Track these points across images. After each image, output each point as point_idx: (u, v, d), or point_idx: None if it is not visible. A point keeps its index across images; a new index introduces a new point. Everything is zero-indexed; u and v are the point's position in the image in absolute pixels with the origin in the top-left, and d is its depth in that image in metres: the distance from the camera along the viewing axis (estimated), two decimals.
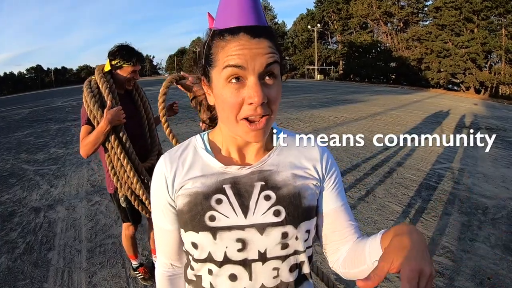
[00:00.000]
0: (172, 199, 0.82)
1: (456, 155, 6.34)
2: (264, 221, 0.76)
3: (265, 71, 0.69)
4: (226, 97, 0.70)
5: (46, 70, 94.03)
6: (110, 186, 2.36)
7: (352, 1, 39.99)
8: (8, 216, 4.40)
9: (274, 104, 0.71)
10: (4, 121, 16.31)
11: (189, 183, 0.79)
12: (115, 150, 2.07)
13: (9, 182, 5.87)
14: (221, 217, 0.76)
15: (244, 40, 0.69)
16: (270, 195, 0.78)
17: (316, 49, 43.21)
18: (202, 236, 0.76)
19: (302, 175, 0.82)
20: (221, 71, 0.70)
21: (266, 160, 0.82)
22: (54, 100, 28.45)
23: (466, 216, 3.83)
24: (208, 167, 0.81)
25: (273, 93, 0.70)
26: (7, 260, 3.33)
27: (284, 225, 0.76)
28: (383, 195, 4.44)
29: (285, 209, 0.77)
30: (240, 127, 0.71)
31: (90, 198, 4.79)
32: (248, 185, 0.79)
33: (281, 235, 0.76)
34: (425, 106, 14.03)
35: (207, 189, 0.78)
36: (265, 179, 0.79)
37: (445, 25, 28.76)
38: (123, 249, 3.31)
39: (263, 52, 0.69)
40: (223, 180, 0.79)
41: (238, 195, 0.78)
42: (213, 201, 0.77)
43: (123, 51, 2.12)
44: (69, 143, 8.96)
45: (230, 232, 0.75)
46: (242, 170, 0.80)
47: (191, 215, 0.77)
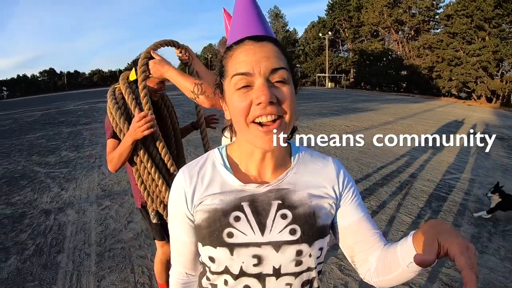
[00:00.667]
0: (191, 213, 0.83)
1: (467, 166, 6.27)
2: (280, 239, 0.77)
3: (272, 75, 0.71)
4: (235, 102, 0.73)
5: (59, 73, 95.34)
6: (138, 200, 2.21)
7: (363, 9, 39.92)
8: (18, 218, 4.46)
9: (285, 104, 0.72)
10: (16, 123, 16.57)
11: (208, 199, 0.81)
12: (144, 164, 1.91)
13: (20, 184, 5.95)
14: (239, 234, 0.77)
15: (249, 45, 0.73)
16: (286, 214, 0.79)
17: (327, 57, 43.14)
18: (219, 252, 0.78)
19: (318, 195, 0.83)
20: (230, 80, 0.73)
21: (284, 178, 0.82)
22: (66, 103, 28.83)
23: (476, 228, 3.78)
24: (226, 184, 0.82)
25: (282, 93, 0.71)
26: (16, 261, 3.38)
27: (299, 243, 0.78)
28: (393, 205, 4.40)
29: (301, 228, 0.78)
30: (252, 131, 0.72)
31: (100, 202, 4.83)
32: (266, 203, 0.80)
33: (295, 253, 0.78)
34: (436, 115, 13.91)
35: (225, 206, 0.79)
36: (282, 198, 0.80)
37: (456, 33, 28.55)
38: (132, 254, 3.35)
39: (268, 55, 0.72)
40: (241, 197, 0.80)
41: (256, 213, 0.79)
42: (232, 218, 0.78)
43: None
44: (80, 146, 9.07)
45: (247, 249, 0.77)
46: (260, 188, 0.81)
47: (210, 231, 0.79)
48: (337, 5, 44.96)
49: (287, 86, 0.72)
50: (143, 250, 3.44)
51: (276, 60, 0.72)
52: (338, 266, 3.05)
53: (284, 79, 0.72)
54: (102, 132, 11.03)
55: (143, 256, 3.32)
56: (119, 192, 5.18)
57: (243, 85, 0.71)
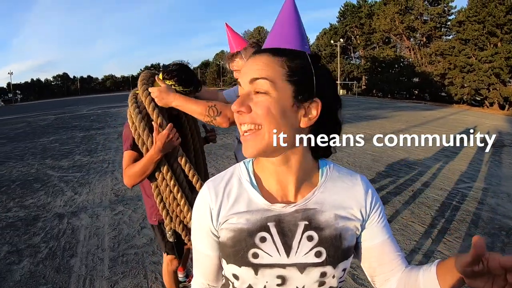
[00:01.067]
0: (216, 230, 0.83)
1: (479, 174, 6.19)
2: (305, 261, 0.77)
3: (251, 85, 0.73)
4: None
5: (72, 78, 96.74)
6: (153, 217, 2.08)
7: (375, 16, 39.88)
8: (31, 220, 4.52)
9: (260, 115, 0.72)
10: (30, 126, 16.82)
11: (234, 218, 0.80)
12: (167, 182, 1.77)
13: (34, 187, 6.04)
14: (264, 255, 0.77)
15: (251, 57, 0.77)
16: (313, 235, 0.78)
17: (339, 64, 43.10)
18: (244, 271, 0.78)
19: (345, 216, 0.81)
20: None
21: (311, 198, 0.80)
22: (79, 108, 29.23)
23: (489, 238, 3.73)
24: (253, 203, 0.80)
25: (256, 104, 0.72)
26: (29, 263, 3.42)
27: (324, 265, 0.77)
28: (406, 214, 4.36)
29: (326, 251, 0.77)
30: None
31: (114, 207, 4.87)
32: (292, 224, 0.78)
33: (320, 274, 0.77)
34: (448, 123, 13.78)
35: (251, 226, 0.78)
36: (309, 219, 0.79)
37: (468, 39, 28.34)
38: (145, 260, 3.37)
39: (254, 67, 0.73)
40: (268, 217, 0.79)
41: (282, 233, 0.78)
42: (257, 239, 0.77)
43: (183, 74, 1.80)
44: (93, 151, 9.17)
45: (271, 269, 0.77)
46: (286, 208, 0.79)
47: (235, 250, 0.78)
48: (349, 12, 45.04)
49: (265, 96, 0.71)
50: (156, 256, 3.45)
51: (258, 70, 0.72)
52: (351, 275, 3.03)
53: (263, 90, 0.72)
54: (115, 137, 11.16)
55: (156, 262, 3.33)
56: (132, 198, 5.21)
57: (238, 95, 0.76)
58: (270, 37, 0.79)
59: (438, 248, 3.49)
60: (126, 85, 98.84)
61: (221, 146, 8.77)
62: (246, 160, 0.89)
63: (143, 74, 1.87)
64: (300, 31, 0.79)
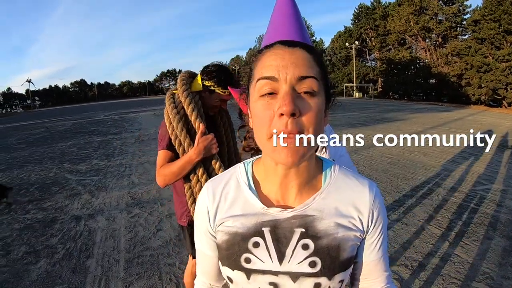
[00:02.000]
0: (213, 231, 0.82)
1: (498, 176, 6.06)
2: (298, 270, 0.74)
3: (299, 84, 0.65)
4: (257, 110, 0.67)
5: (90, 84, 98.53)
6: (183, 218, 2.02)
7: (390, 17, 39.54)
8: (49, 222, 4.61)
9: (309, 119, 0.65)
10: (48, 131, 17.17)
11: (229, 221, 0.78)
12: (201, 184, 1.75)
13: (52, 190, 6.16)
14: (256, 261, 0.75)
15: (278, 49, 0.68)
16: (308, 244, 0.74)
17: (355, 67, 42.83)
18: (236, 274, 0.77)
19: (346, 225, 0.76)
20: (255, 85, 0.69)
21: (311, 203, 0.76)
22: (97, 113, 29.72)
23: (508, 241, 3.64)
24: (249, 206, 0.78)
25: (307, 106, 0.65)
26: (46, 264, 3.49)
27: (318, 276, 0.74)
28: (422, 217, 4.30)
29: (321, 261, 0.74)
30: (271, 144, 0.66)
31: (130, 210, 4.93)
32: (288, 230, 0.75)
33: (313, 285, 0.74)
34: (466, 124, 13.54)
35: (246, 230, 0.76)
36: (306, 226, 0.75)
37: (484, 38, 27.83)
38: (160, 262, 3.41)
39: (297, 62, 0.66)
40: (263, 222, 0.76)
41: (276, 240, 0.75)
42: (251, 244, 0.75)
43: (222, 75, 1.80)
44: (111, 156, 9.30)
45: (263, 276, 0.75)
46: (283, 213, 0.75)
47: (228, 254, 0.77)
48: (363, 14, 44.78)
49: (315, 98, 0.66)
50: (171, 258, 3.48)
51: (305, 67, 0.66)
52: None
53: (313, 90, 0.65)
54: (132, 142, 11.31)
55: (171, 264, 3.36)
56: (148, 201, 5.27)
57: (267, 92, 0.66)
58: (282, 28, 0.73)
59: (455, 251, 3.43)
60: (142, 91, 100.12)
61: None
62: (246, 161, 0.85)
63: (182, 74, 1.87)
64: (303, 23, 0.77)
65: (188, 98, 1.73)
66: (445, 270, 3.11)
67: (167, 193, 5.47)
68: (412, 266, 3.18)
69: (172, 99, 1.78)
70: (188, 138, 1.71)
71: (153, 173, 6.89)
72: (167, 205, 5.00)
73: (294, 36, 0.71)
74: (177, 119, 1.70)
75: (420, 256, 3.36)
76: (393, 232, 3.90)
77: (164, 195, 5.42)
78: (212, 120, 1.98)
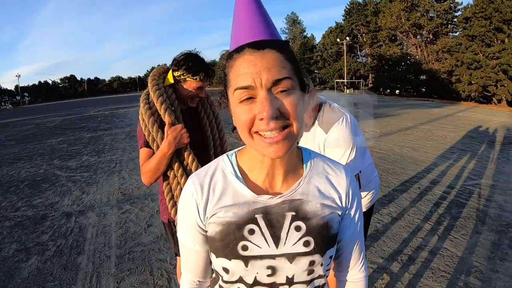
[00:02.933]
0: (204, 224, 0.82)
1: (487, 171, 6.13)
2: (294, 251, 0.78)
3: (275, 86, 0.67)
4: (239, 115, 0.70)
5: (80, 80, 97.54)
6: (164, 214, 1.99)
7: (381, 14, 39.63)
8: (40, 219, 4.58)
9: (291, 115, 0.69)
10: (38, 128, 16.99)
11: (221, 211, 0.80)
12: (178, 180, 1.76)
13: (42, 187, 6.11)
14: (253, 247, 0.77)
15: (248, 55, 0.69)
16: (300, 226, 0.79)
17: (345, 62, 42.90)
18: (234, 263, 0.78)
19: (330, 205, 0.82)
20: (233, 93, 0.71)
21: (297, 188, 0.81)
22: (87, 109, 29.46)
23: (496, 235, 3.70)
24: (239, 195, 0.80)
25: (286, 105, 0.68)
26: (37, 261, 3.47)
27: (312, 254, 0.78)
28: (412, 211, 4.34)
29: (314, 240, 0.79)
30: (257, 142, 0.70)
31: (121, 206, 4.91)
32: (280, 215, 0.79)
33: (308, 263, 0.78)
34: (456, 120, 13.67)
35: (239, 219, 0.78)
36: (296, 209, 0.80)
37: (475, 35, 28.05)
38: (152, 257, 3.40)
39: (269, 66, 0.67)
40: (255, 210, 0.79)
41: (270, 225, 0.78)
42: (246, 231, 0.78)
43: (190, 61, 1.74)
44: (101, 151, 9.24)
45: (261, 261, 0.78)
46: (273, 199, 0.79)
47: (224, 244, 0.78)
48: (355, 10, 44.79)
49: (292, 95, 0.69)
50: (163, 253, 3.48)
51: (278, 69, 0.68)
52: None
53: (288, 89, 0.68)
54: (122, 138, 11.24)
55: (163, 259, 3.36)
56: (139, 197, 5.26)
57: (245, 98, 0.68)
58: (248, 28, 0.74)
59: (444, 245, 3.47)
60: (133, 86, 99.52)
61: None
62: (229, 153, 0.88)
63: (154, 71, 1.84)
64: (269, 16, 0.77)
65: (157, 93, 1.72)
66: (434, 263, 3.15)
67: (158, 189, 5.42)
68: (401, 260, 3.22)
69: (147, 99, 1.77)
70: (161, 133, 1.70)
71: None
72: (157, 201, 4.97)
73: (262, 35, 0.72)
74: (148, 115, 1.71)
75: (410, 250, 3.40)
76: (382, 226, 3.93)
77: (154, 191, 5.41)
78: (195, 112, 1.96)
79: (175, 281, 2.98)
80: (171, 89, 1.79)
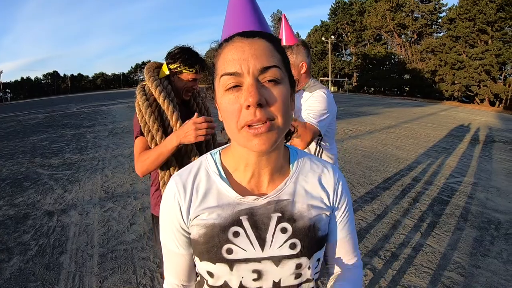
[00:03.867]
0: (187, 226, 0.80)
1: (469, 169, 6.25)
2: (280, 254, 0.76)
3: (262, 74, 0.66)
4: (225, 105, 0.68)
5: (63, 76, 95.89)
6: (157, 207, 1.88)
7: (366, 13, 40.04)
8: (21, 219, 4.47)
9: (276, 107, 0.66)
10: (20, 125, 16.63)
11: (204, 213, 0.77)
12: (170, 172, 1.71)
13: (24, 185, 5.97)
14: (238, 250, 0.75)
15: (238, 42, 0.69)
16: (286, 227, 0.77)
17: (330, 61, 43.19)
18: (218, 267, 0.75)
19: (317, 206, 0.80)
20: (220, 80, 0.69)
21: (283, 189, 0.78)
22: (70, 106, 28.96)
23: (478, 231, 3.77)
24: (223, 197, 0.77)
25: (272, 94, 0.66)
26: (19, 261, 3.39)
27: (299, 257, 0.76)
28: (395, 209, 4.39)
29: (301, 242, 0.76)
30: (242, 135, 0.67)
31: (103, 204, 4.84)
32: (265, 216, 0.77)
33: (295, 266, 0.76)
34: (438, 119, 13.89)
35: (223, 221, 0.76)
36: (282, 211, 0.77)
37: (459, 36, 28.59)
38: (135, 256, 3.37)
39: (257, 53, 0.66)
40: (240, 211, 0.76)
41: (255, 227, 0.76)
42: (230, 234, 0.75)
43: (186, 54, 1.74)
44: (83, 149, 9.09)
45: (246, 264, 0.75)
46: (258, 200, 0.77)
47: (208, 247, 0.76)
48: (340, 9, 45.18)
49: (279, 86, 0.67)
50: (146, 252, 3.45)
51: (266, 58, 0.67)
52: None
53: (276, 78, 0.67)
54: (106, 135, 11.09)
55: (146, 258, 3.33)
56: (121, 194, 5.19)
57: (232, 85, 0.66)
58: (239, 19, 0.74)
59: (427, 241, 3.52)
60: (116, 83, 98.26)
61: None
62: (213, 151, 0.85)
63: (149, 65, 1.83)
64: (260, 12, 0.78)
65: (155, 83, 1.71)
66: (417, 259, 3.20)
67: (141, 187, 5.42)
68: (385, 256, 3.25)
69: (143, 91, 1.74)
70: (161, 131, 1.66)
71: (126, 166, 6.84)
72: (140, 199, 4.94)
73: (252, 26, 0.72)
74: (146, 105, 1.67)
75: (393, 247, 3.44)
76: (366, 223, 3.97)
77: (137, 189, 5.35)
78: (187, 106, 1.93)
79: (158, 279, 2.95)
80: (167, 81, 1.78)
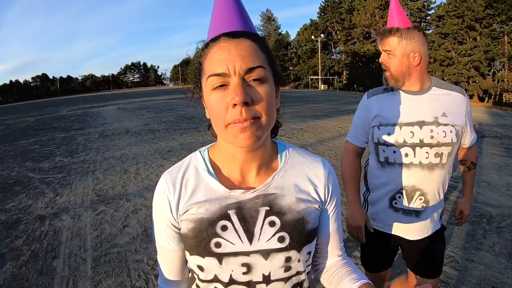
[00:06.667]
0: (177, 222, 0.81)
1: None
2: (268, 247, 0.77)
3: (248, 74, 0.68)
4: (212, 103, 0.70)
5: (52, 78, 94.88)
6: None
7: (355, 11, 40.22)
8: (13, 224, 4.42)
9: (261, 106, 0.68)
10: (9, 128, 16.45)
11: (193, 208, 0.78)
12: None
13: (14, 190, 5.91)
14: (226, 244, 0.76)
15: (224, 42, 0.70)
16: (274, 221, 0.78)
17: (320, 59, 43.38)
18: (208, 261, 0.77)
19: (306, 199, 0.81)
20: (207, 80, 0.71)
21: (271, 182, 0.80)
22: (59, 109, 28.68)
23: (470, 225, 3.81)
24: (211, 191, 0.79)
25: (259, 94, 0.68)
26: (12, 267, 3.35)
27: (288, 250, 0.77)
28: None
29: (289, 235, 0.77)
30: (229, 132, 0.69)
31: (95, 207, 4.80)
32: (253, 210, 0.78)
33: (284, 260, 0.77)
34: None
35: (212, 215, 0.77)
36: (270, 204, 0.78)
37: (448, 33, 28.84)
38: (128, 259, 3.35)
39: (243, 54, 0.68)
40: (228, 205, 0.78)
41: (243, 221, 0.77)
42: (219, 228, 0.76)
43: None
44: (74, 152, 9.01)
45: (235, 258, 0.76)
46: (246, 194, 0.78)
47: (197, 241, 0.77)
48: (329, 7, 45.35)
49: (265, 84, 0.70)
50: (139, 254, 3.43)
51: (252, 58, 0.69)
52: None
53: (262, 78, 0.69)
54: (96, 137, 11.03)
55: (139, 260, 3.31)
56: (113, 197, 5.16)
57: (219, 85, 0.69)
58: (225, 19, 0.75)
59: None
60: (106, 85, 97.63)
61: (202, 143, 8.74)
62: (201, 149, 0.87)
63: None
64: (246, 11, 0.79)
65: None
66: None
67: (133, 189, 5.40)
68: None
69: None
70: None
71: (118, 169, 6.79)
72: (133, 201, 4.92)
73: (238, 26, 0.73)
74: None
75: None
76: None
77: (129, 191, 5.33)
78: None
79: (152, 281, 2.95)
80: None
